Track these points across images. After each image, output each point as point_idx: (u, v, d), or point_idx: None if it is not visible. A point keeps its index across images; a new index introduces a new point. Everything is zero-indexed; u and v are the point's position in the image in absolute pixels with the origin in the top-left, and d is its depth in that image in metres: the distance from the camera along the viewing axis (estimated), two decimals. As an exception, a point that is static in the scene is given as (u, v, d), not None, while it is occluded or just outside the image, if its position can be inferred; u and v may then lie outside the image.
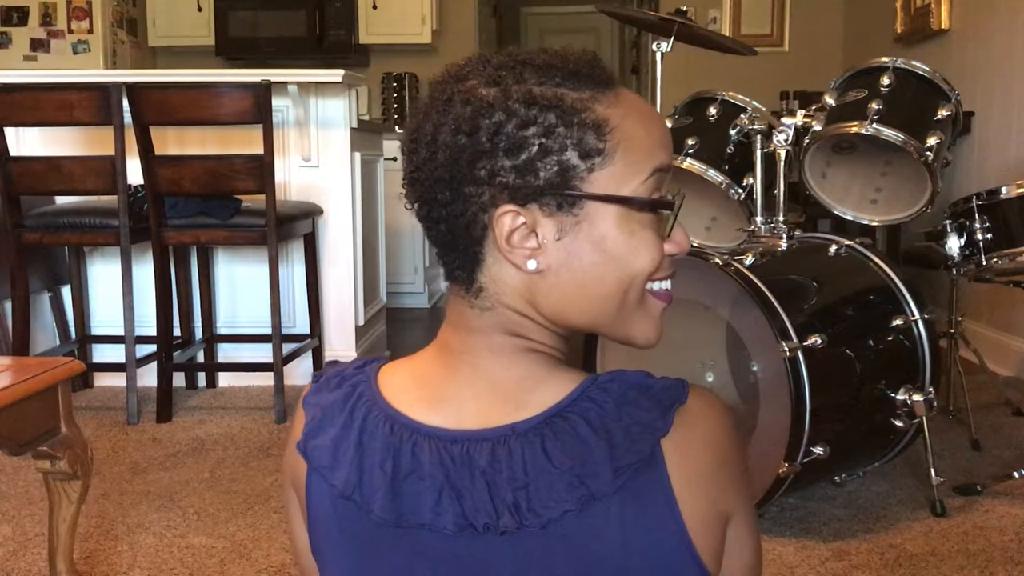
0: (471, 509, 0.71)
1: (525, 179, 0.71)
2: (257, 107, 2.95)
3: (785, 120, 2.43)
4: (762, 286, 2.09)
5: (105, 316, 3.50)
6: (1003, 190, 2.41)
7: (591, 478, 0.70)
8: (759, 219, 2.46)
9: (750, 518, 0.78)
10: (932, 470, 2.25)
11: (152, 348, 3.17)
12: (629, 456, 0.71)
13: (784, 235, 2.39)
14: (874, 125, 2.31)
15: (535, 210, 0.72)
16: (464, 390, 0.76)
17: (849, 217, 2.54)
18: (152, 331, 3.16)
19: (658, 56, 2.87)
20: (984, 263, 2.42)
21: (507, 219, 0.72)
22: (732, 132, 2.57)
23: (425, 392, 0.77)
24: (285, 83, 3.32)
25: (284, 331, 3.24)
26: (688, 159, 2.57)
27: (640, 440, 0.71)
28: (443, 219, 0.74)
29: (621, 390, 0.73)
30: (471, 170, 0.72)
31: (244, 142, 3.20)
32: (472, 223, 0.73)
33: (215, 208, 3.07)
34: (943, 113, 2.37)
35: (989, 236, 2.41)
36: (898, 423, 2.22)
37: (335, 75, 3.35)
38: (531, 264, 0.73)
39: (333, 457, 0.76)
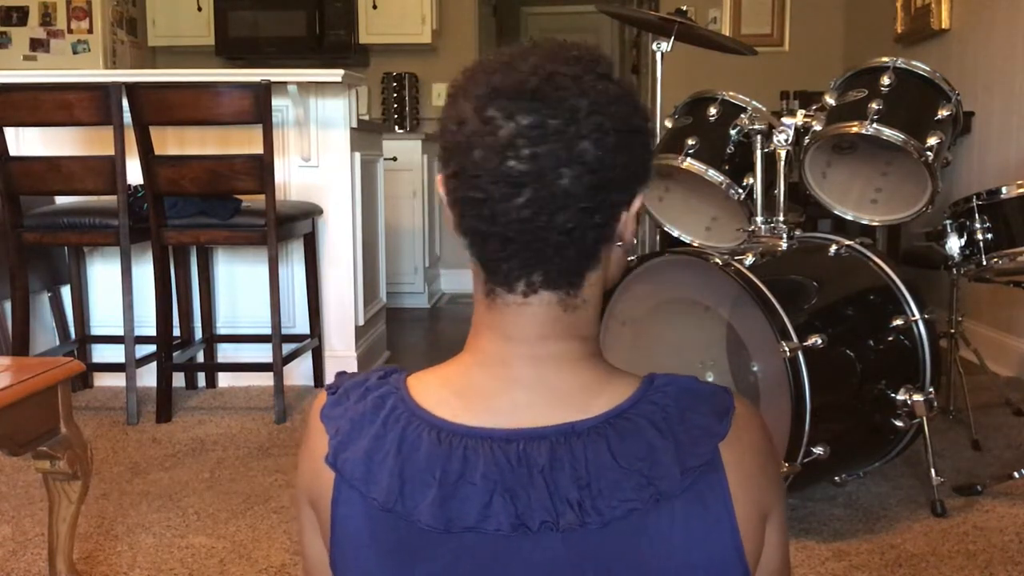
0: (526, 508, 0.72)
1: (648, 173, 0.78)
2: (257, 107, 2.95)
3: (785, 120, 2.43)
4: (762, 286, 2.09)
5: (105, 316, 3.50)
6: (1003, 190, 2.41)
7: (660, 479, 0.72)
8: (759, 219, 2.46)
9: (784, 519, 0.81)
10: (932, 470, 2.25)
11: (152, 348, 3.17)
12: (695, 459, 0.73)
13: (784, 235, 2.39)
14: (874, 125, 2.30)
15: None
16: (519, 397, 0.76)
17: (849, 217, 2.54)
18: (152, 331, 3.16)
19: (658, 56, 2.87)
20: (984, 263, 2.42)
21: (636, 204, 0.78)
22: (732, 132, 2.56)
23: (471, 403, 0.76)
24: (285, 83, 3.32)
25: (284, 331, 3.23)
26: (688, 159, 2.56)
27: (702, 443, 0.74)
28: (582, 226, 0.73)
29: (678, 393, 0.76)
30: (624, 176, 0.75)
31: (244, 142, 3.20)
32: (612, 224, 0.76)
33: (215, 208, 3.07)
34: (943, 113, 2.37)
35: (989, 236, 2.41)
36: (898, 423, 2.22)
37: (335, 75, 3.35)
38: (629, 234, 0.79)
39: (367, 469, 0.75)
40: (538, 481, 0.72)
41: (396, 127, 5.72)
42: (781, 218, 2.42)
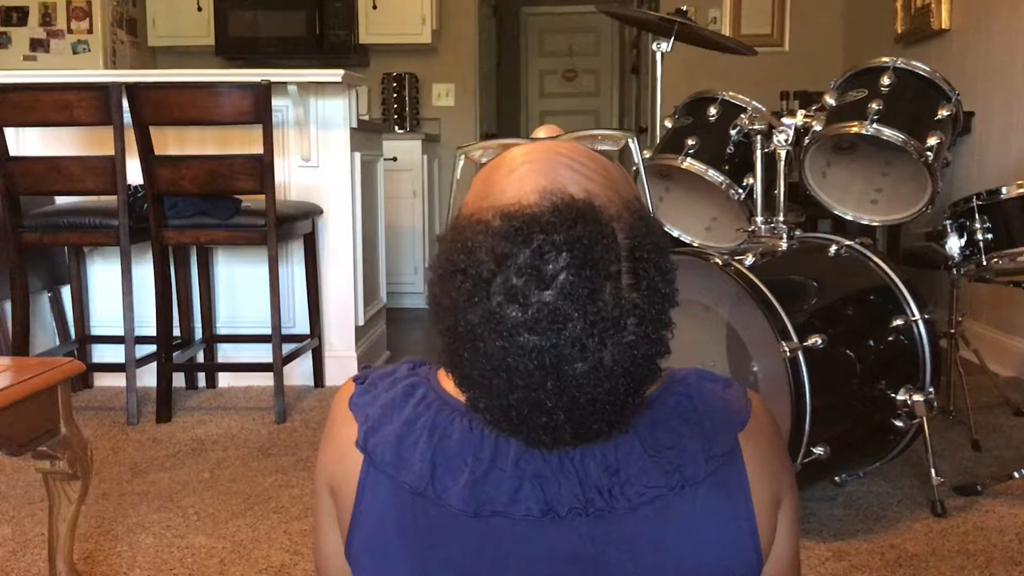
0: (555, 495, 0.73)
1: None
2: (257, 107, 2.95)
3: (785, 120, 2.43)
4: (762, 286, 2.09)
5: (105, 316, 3.50)
6: (1003, 190, 2.41)
7: (686, 466, 0.74)
8: (759, 219, 2.46)
9: (795, 507, 0.83)
10: (932, 470, 2.25)
11: (152, 348, 3.17)
12: (718, 447, 0.76)
13: (784, 235, 2.39)
14: (874, 125, 2.30)
15: None
16: None
17: (849, 217, 2.54)
18: (152, 331, 3.16)
19: (658, 56, 2.87)
20: (984, 263, 2.41)
21: None
22: (732, 132, 2.56)
23: None
24: (285, 83, 3.32)
25: (284, 331, 3.23)
26: (688, 159, 2.57)
27: (724, 432, 0.77)
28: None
29: (699, 384, 0.79)
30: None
31: (244, 142, 3.20)
32: None
33: (215, 208, 3.07)
34: (943, 113, 2.37)
35: (989, 236, 2.41)
36: (898, 423, 2.22)
37: (335, 75, 3.35)
38: None
39: (398, 454, 0.76)
40: (568, 469, 0.74)
41: (396, 127, 5.73)
42: (781, 218, 2.42)
